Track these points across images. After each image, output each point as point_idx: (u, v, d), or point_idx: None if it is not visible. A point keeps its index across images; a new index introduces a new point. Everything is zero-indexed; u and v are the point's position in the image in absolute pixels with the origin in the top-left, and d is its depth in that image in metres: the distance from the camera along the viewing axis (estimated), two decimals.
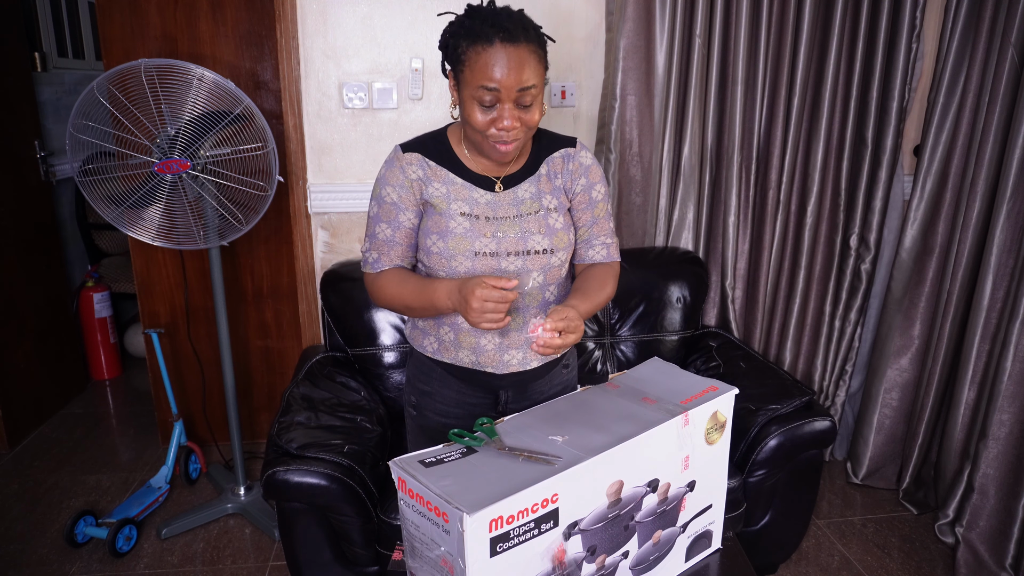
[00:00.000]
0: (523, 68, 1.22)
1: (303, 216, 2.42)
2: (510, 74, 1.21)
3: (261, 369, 2.90)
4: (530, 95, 1.25)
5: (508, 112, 1.25)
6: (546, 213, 1.38)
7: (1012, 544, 2.14)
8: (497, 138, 1.27)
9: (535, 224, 1.37)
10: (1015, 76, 2.18)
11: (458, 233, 1.34)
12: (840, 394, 2.75)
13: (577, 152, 1.44)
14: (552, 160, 1.42)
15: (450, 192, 1.36)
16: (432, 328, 1.45)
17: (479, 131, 1.28)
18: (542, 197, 1.39)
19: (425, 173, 1.36)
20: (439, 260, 1.35)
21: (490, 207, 1.36)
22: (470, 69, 1.24)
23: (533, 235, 1.36)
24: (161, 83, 1.96)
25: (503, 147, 1.29)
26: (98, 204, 2.09)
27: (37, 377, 3.09)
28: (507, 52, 1.21)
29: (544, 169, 1.41)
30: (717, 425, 1.22)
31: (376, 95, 2.33)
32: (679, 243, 2.46)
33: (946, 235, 2.43)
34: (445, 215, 1.35)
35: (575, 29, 2.37)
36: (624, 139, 2.35)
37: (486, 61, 1.22)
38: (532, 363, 1.44)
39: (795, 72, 2.35)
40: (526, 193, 1.39)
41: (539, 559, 1.00)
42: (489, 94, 1.23)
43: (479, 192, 1.37)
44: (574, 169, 1.43)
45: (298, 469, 1.70)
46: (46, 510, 2.50)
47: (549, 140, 1.44)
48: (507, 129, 1.26)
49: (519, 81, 1.22)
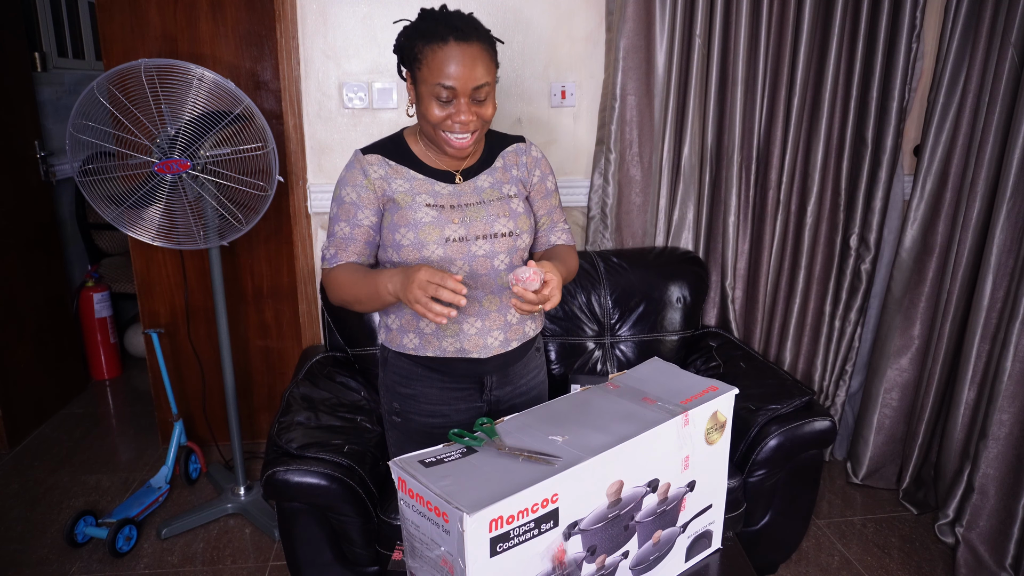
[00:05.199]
0: (476, 65, 1.31)
1: (303, 216, 2.42)
2: (465, 71, 1.30)
3: (261, 369, 2.90)
4: (483, 91, 1.34)
5: (464, 107, 1.33)
6: (508, 199, 1.46)
7: (1012, 544, 2.14)
8: (453, 130, 1.35)
9: (498, 209, 1.44)
10: (1015, 76, 2.18)
11: (426, 222, 1.39)
12: (840, 394, 2.75)
13: (529, 147, 1.55)
14: (506, 154, 1.52)
15: (413, 187, 1.42)
16: (410, 324, 1.48)
17: (436, 126, 1.36)
18: (501, 186, 1.48)
19: (386, 172, 1.42)
20: (410, 252, 1.39)
21: (453, 196, 1.43)
22: (427, 67, 1.32)
23: (499, 218, 1.43)
24: (161, 83, 1.96)
25: (459, 142, 1.37)
26: (98, 204, 2.09)
27: (37, 377, 3.09)
28: (461, 50, 1.30)
29: (500, 162, 1.50)
30: (717, 425, 1.22)
31: (376, 95, 2.33)
32: (679, 243, 2.46)
33: (946, 235, 2.43)
34: (411, 208, 1.40)
35: (575, 29, 2.36)
36: (624, 139, 2.35)
37: (442, 59, 1.30)
38: (512, 343, 1.50)
39: (795, 72, 2.35)
40: (485, 183, 1.47)
41: (539, 559, 1.00)
42: (446, 91, 1.31)
43: (440, 184, 1.44)
44: (528, 162, 1.53)
45: (298, 469, 1.70)
46: (46, 510, 2.50)
47: (500, 138, 1.55)
48: (464, 123, 1.34)
49: (473, 79, 1.31)
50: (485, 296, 1.44)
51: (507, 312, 1.47)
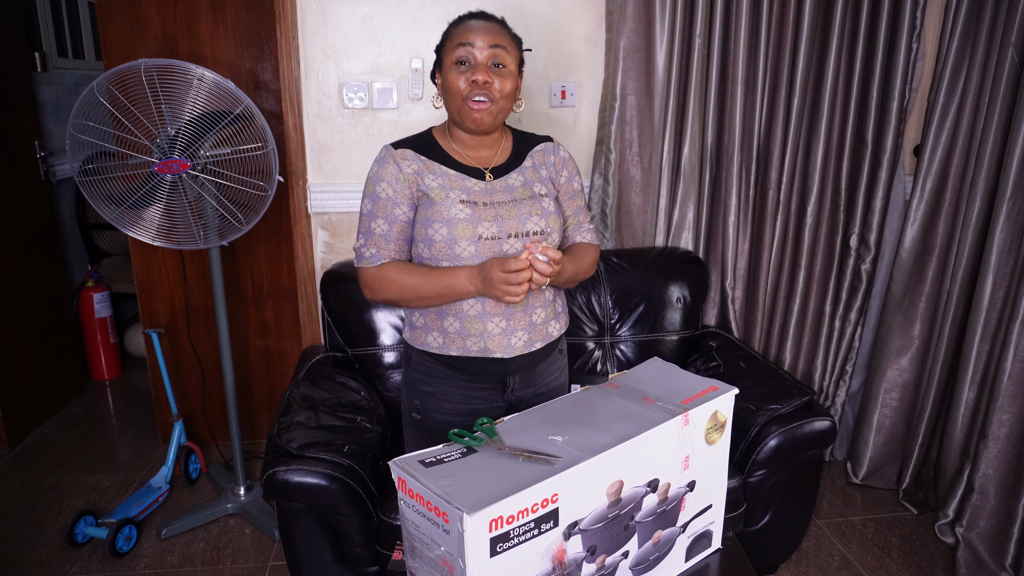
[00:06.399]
0: (496, 35, 1.39)
1: (303, 216, 2.42)
2: (481, 33, 1.37)
3: (261, 369, 2.90)
4: (502, 58, 1.39)
5: (481, 68, 1.37)
6: (539, 198, 1.47)
7: (1012, 544, 2.14)
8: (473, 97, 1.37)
9: (530, 207, 1.44)
10: (1015, 76, 2.18)
11: (461, 219, 1.39)
12: (840, 394, 2.75)
13: (557, 147, 1.57)
14: (535, 153, 1.53)
15: (446, 182, 1.42)
16: (434, 323, 1.47)
17: (458, 96, 1.38)
18: (532, 185, 1.48)
19: (419, 167, 1.43)
20: (442, 248, 1.39)
21: (485, 193, 1.43)
22: (449, 42, 1.40)
23: (531, 217, 1.44)
24: (161, 83, 1.96)
25: (478, 109, 1.38)
26: (98, 204, 2.09)
27: (37, 377, 3.09)
28: (479, 24, 1.40)
29: (529, 162, 1.51)
30: (717, 425, 1.22)
31: (376, 95, 2.33)
32: (679, 243, 2.46)
33: (946, 235, 2.43)
34: (444, 204, 1.40)
35: (575, 29, 2.37)
36: (624, 139, 2.35)
37: (463, 28, 1.40)
38: (536, 344, 1.50)
39: (795, 72, 2.35)
40: (516, 181, 1.47)
41: (539, 559, 1.00)
42: (463, 50, 1.37)
43: (472, 181, 1.44)
44: (556, 162, 1.55)
45: (298, 469, 1.70)
46: (46, 510, 2.50)
47: (528, 137, 1.57)
48: (480, 84, 1.36)
49: (492, 40, 1.37)
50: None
51: (532, 312, 1.47)
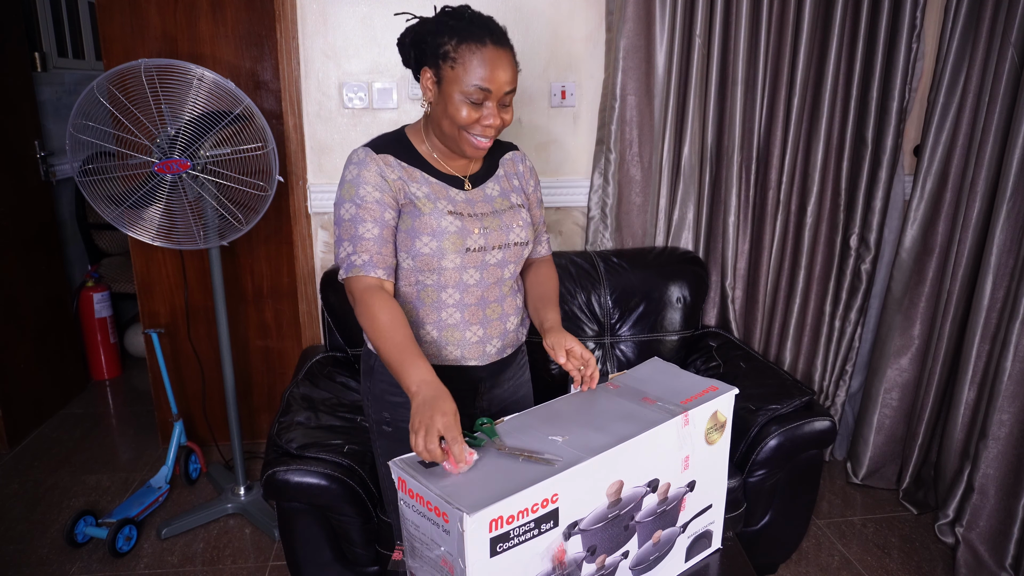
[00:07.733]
0: (509, 70, 1.31)
1: (303, 216, 2.42)
2: (501, 75, 1.30)
3: (261, 369, 2.90)
4: (509, 97, 1.34)
5: (493, 111, 1.32)
6: (517, 209, 1.46)
7: (1012, 544, 2.14)
8: (477, 133, 1.33)
9: (511, 218, 1.43)
10: (1015, 76, 2.18)
11: (451, 231, 1.35)
12: (840, 394, 2.75)
13: (524, 156, 1.56)
14: (504, 161, 1.51)
15: (431, 191, 1.37)
16: None
17: (462, 127, 1.32)
18: (509, 195, 1.47)
19: (401, 173, 1.36)
20: (428, 260, 1.36)
21: (468, 204, 1.40)
22: (463, 67, 1.28)
23: (512, 228, 1.43)
24: (161, 83, 1.96)
25: (481, 143, 1.35)
26: (98, 204, 2.09)
27: (37, 377, 3.09)
28: (497, 54, 1.29)
29: (501, 170, 1.50)
30: (717, 425, 1.22)
31: (376, 95, 2.33)
32: (679, 243, 2.46)
33: (946, 235, 2.43)
34: (433, 215, 1.35)
35: (575, 29, 2.36)
36: (624, 139, 2.35)
37: (480, 60, 1.28)
38: (508, 350, 1.50)
39: (795, 72, 2.35)
40: (493, 191, 1.46)
41: (539, 559, 1.00)
42: (481, 93, 1.29)
43: (454, 191, 1.41)
44: (524, 171, 1.54)
45: (298, 469, 1.70)
46: (46, 510, 2.50)
47: (497, 143, 1.51)
48: (492, 126, 1.33)
49: (507, 82, 1.31)
50: (489, 304, 1.42)
51: (507, 320, 1.46)
